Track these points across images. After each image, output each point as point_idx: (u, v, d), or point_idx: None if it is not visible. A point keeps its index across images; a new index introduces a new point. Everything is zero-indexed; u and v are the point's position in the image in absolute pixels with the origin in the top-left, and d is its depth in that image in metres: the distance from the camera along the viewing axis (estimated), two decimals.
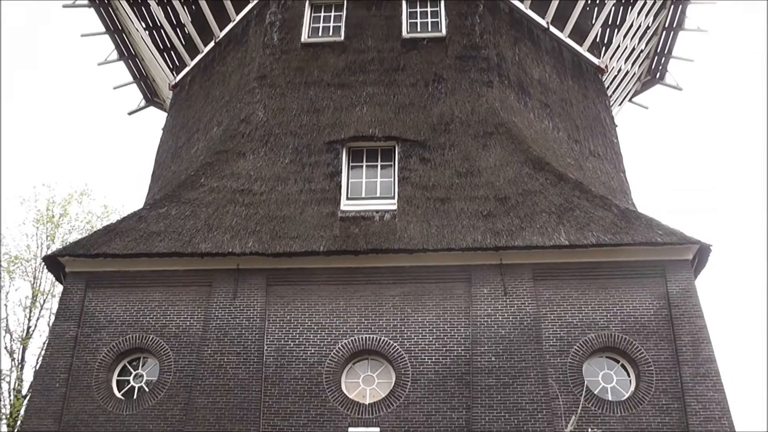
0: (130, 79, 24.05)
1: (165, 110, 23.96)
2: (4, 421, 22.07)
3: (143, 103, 24.92)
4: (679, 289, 14.12)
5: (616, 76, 22.92)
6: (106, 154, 52.88)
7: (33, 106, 53.57)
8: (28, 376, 23.23)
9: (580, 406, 13.04)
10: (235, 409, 13.53)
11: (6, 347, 23.36)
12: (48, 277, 24.05)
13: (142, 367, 14.57)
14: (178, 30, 22.32)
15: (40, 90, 54.43)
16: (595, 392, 13.50)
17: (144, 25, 22.21)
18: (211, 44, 20.97)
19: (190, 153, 18.33)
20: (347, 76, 17.86)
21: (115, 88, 24.03)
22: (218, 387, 13.75)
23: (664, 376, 13.44)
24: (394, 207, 15.42)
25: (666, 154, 52.07)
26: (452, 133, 16.43)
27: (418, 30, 18.79)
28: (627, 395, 13.51)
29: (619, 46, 21.92)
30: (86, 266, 15.14)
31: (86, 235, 18.25)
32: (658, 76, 24.43)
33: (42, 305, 24.24)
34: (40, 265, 23.91)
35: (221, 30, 20.73)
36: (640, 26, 22.31)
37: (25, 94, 53.55)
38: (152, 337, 14.47)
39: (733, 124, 52.53)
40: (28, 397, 17.04)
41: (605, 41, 23.12)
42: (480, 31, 18.39)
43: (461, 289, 14.44)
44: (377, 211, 15.41)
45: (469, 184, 15.51)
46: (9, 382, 23.11)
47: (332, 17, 19.36)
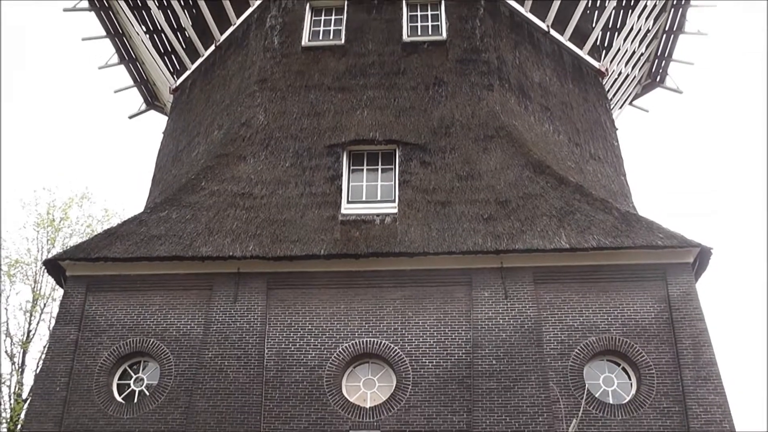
0: (131, 83, 24.07)
1: (165, 114, 23.98)
2: (5, 425, 22.06)
3: (144, 107, 24.93)
4: (680, 293, 14.10)
5: (616, 80, 22.94)
6: (106, 158, 52.98)
7: (33, 110, 53.67)
8: (29, 380, 23.29)
9: (581, 409, 13.02)
10: (235, 413, 13.50)
11: (6, 351, 23.40)
12: (48, 281, 24.15)
13: (143, 370, 14.55)
14: (179, 34, 22.34)
15: (41, 93, 54.54)
16: (596, 395, 13.47)
17: (144, 29, 22.23)
18: (212, 48, 20.98)
19: (191, 156, 18.33)
20: (348, 79, 17.86)
21: (115, 92, 24.06)
22: (219, 391, 13.73)
23: (665, 379, 13.42)
24: (395, 210, 15.42)
25: (666, 157, 52.13)
26: (453, 137, 16.43)
27: (419, 33, 18.80)
28: (628, 398, 13.49)
29: (619, 50, 21.93)
30: (87, 270, 15.14)
31: (87, 238, 18.22)
32: (658, 80, 24.44)
33: (42, 309, 24.31)
34: (41, 268, 23.97)
35: (222, 33, 20.75)
36: (640, 29, 22.33)
37: (25, 98, 53.65)
38: (153, 341, 14.45)
39: (734, 127, 52.60)
40: (29, 401, 17.03)
41: (605, 44, 23.12)
42: (480, 35, 18.40)
43: (462, 292, 14.43)
44: (378, 215, 15.40)
45: (469, 188, 15.50)
46: (9, 386, 23.13)
47: (333, 21, 19.37)
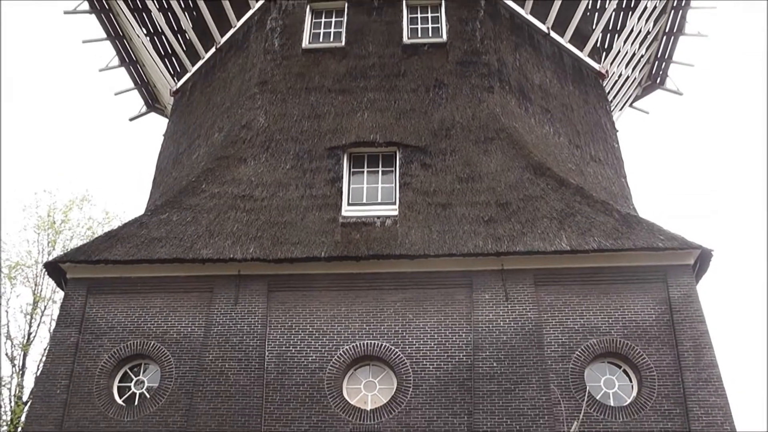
0: (132, 85, 24.10)
1: (166, 116, 23.99)
2: (5, 428, 22.05)
3: (144, 109, 24.95)
4: (681, 294, 14.09)
5: (616, 81, 22.95)
6: (107, 161, 53.01)
7: (34, 112, 53.70)
8: (29, 383, 23.27)
9: (582, 411, 13.00)
10: (236, 416, 13.49)
11: (7, 353, 23.39)
12: (49, 284, 24.14)
13: (143, 373, 14.53)
14: (179, 36, 22.35)
15: (42, 95, 54.59)
16: (597, 398, 13.46)
17: (145, 32, 22.25)
18: (212, 50, 21.00)
19: (191, 159, 18.33)
20: (348, 81, 17.86)
21: (116, 94, 24.09)
22: (219, 393, 13.72)
23: (666, 381, 13.40)
24: (396, 213, 15.41)
25: (667, 159, 52.14)
26: (453, 139, 16.43)
27: (419, 36, 18.81)
28: (629, 401, 13.47)
29: (619, 51, 21.93)
30: (87, 272, 15.13)
31: (87, 241, 18.22)
32: (658, 81, 24.46)
33: (43, 311, 24.30)
34: (41, 271, 23.95)
35: (222, 36, 20.77)
36: (640, 31, 22.34)
37: (26, 100, 53.67)
38: (153, 344, 14.44)
39: (734, 129, 52.62)
40: (29, 404, 17.00)
41: (606, 46, 23.13)
42: (481, 37, 18.40)
43: (462, 294, 14.42)
44: (378, 217, 15.40)
45: (470, 190, 15.50)
46: (10, 389, 23.12)
47: (333, 23, 19.38)
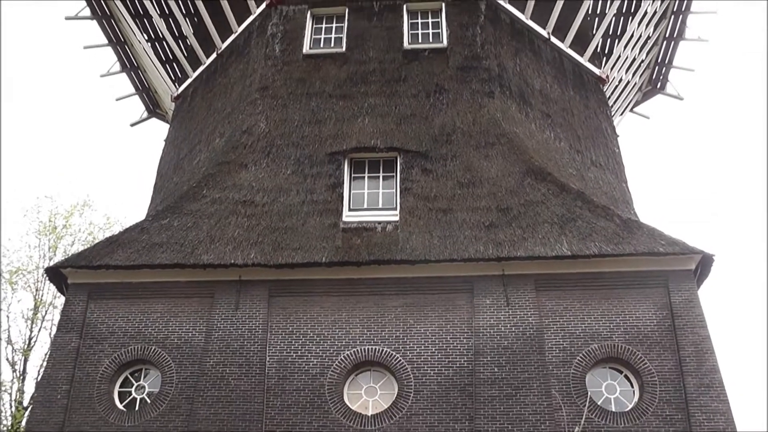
0: (133, 91, 24.16)
1: (167, 122, 24.03)
2: None
3: (145, 115, 25.01)
4: (682, 299, 14.07)
5: (617, 86, 22.97)
6: (108, 166, 53.08)
7: (36, 117, 53.78)
8: (30, 388, 23.26)
9: (584, 416, 12.99)
10: (237, 421, 13.48)
11: (8, 358, 23.39)
12: (50, 289, 24.13)
13: (144, 378, 14.53)
14: (180, 42, 22.41)
15: (43, 101, 54.67)
16: (599, 403, 13.44)
17: (146, 37, 22.31)
18: (213, 56, 21.03)
19: (192, 164, 18.35)
20: (349, 87, 17.89)
21: (117, 100, 24.16)
22: (220, 398, 13.71)
23: (668, 386, 13.38)
24: (396, 218, 15.42)
25: (668, 164, 52.16)
26: (454, 144, 16.45)
27: (420, 41, 18.84)
28: (630, 406, 13.44)
29: (620, 56, 21.97)
30: (88, 277, 15.13)
31: (88, 246, 18.24)
32: (659, 86, 24.51)
33: (44, 316, 24.30)
34: (43, 276, 23.95)
35: (223, 42, 20.81)
36: (641, 36, 22.38)
37: (27, 105, 53.76)
38: (154, 349, 14.44)
39: (734, 133, 52.65)
40: (30, 409, 17.02)
41: (606, 51, 23.18)
42: (481, 42, 18.43)
43: (463, 299, 14.41)
44: (379, 222, 15.40)
45: (471, 195, 15.50)
46: (10, 394, 23.11)
47: (333, 28, 19.42)
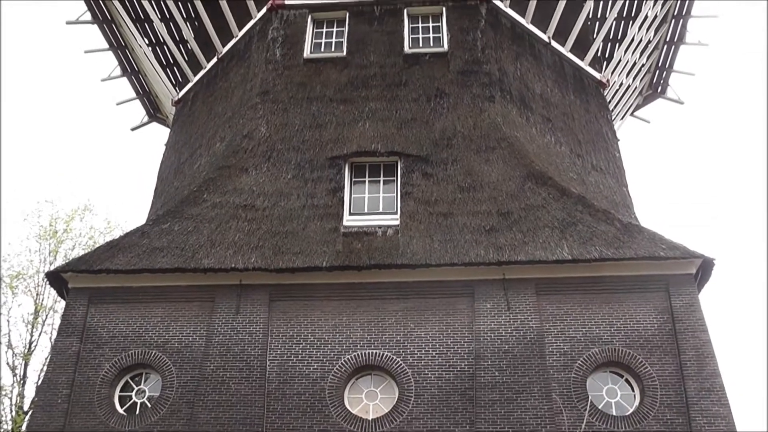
0: (133, 95, 24.18)
1: (168, 126, 24.05)
2: None
3: (146, 119, 25.02)
4: (683, 304, 14.06)
5: (617, 91, 22.99)
6: (109, 170, 53.09)
7: (36, 121, 53.83)
8: (30, 392, 23.24)
9: (585, 421, 12.98)
10: (237, 425, 13.46)
11: (8, 362, 23.37)
12: (51, 293, 24.14)
13: (145, 382, 14.51)
14: (181, 46, 22.44)
15: (44, 105, 54.74)
16: (599, 407, 13.41)
17: (147, 42, 22.34)
18: (214, 60, 21.06)
19: (193, 168, 18.36)
20: (349, 91, 17.90)
21: (118, 104, 24.18)
22: (221, 403, 13.69)
23: (669, 390, 13.35)
24: (397, 222, 15.42)
25: (668, 168, 52.17)
26: (454, 148, 16.45)
27: (420, 45, 18.86)
28: (631, 410, 13.42)
29: (620, 61, 21.99)
30: (89, 282, 15.13)
31: (89, 250, 18.23)
32: (659, 90, 24.52)
33: (44, 321, 24.29)
34: (43, 280, 23.96)
35: (224, 46, 20.84)
36: (641, 41, 22.41)
37: (28, 109, 53.82)
38: (155, 353, 14.43)
39: (735, 137, 52.68)
40: (30, 413, 16.98)
41: (607, 56, 23.18)
42: (482, 46, 18.45)
43: (464, 304, 14.41)
44: (380, 227, 15.40)
45: (471, 199, 15.51)
46: (11, 398, 23.10)
47: (334, 33, 19.45)
